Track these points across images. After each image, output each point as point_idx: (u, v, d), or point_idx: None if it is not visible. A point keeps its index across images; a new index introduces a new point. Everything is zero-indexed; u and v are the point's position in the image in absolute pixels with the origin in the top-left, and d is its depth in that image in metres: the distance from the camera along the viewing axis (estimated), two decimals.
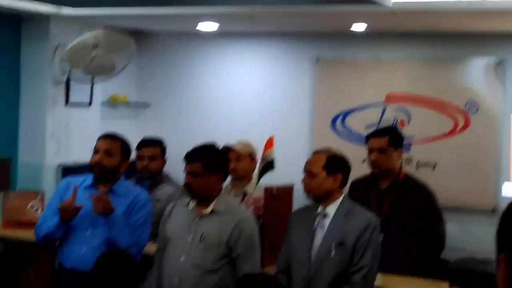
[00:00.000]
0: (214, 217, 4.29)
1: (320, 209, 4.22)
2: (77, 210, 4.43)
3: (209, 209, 4.30)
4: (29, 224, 5.23)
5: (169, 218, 4.46)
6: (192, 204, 4.37)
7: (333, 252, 4.08)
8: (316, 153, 4.33)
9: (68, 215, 4.46)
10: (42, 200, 5.56)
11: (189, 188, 4.28)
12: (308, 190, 4.22)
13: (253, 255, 4.29)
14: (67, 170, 6.31)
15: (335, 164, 4.21)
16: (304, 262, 4.15)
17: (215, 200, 4.32)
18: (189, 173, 4.28)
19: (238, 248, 4.23)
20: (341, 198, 4.23)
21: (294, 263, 4.22)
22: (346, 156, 4.33)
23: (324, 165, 4.18)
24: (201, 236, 4.25)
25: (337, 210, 4.19)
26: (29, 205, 5.63)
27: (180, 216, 4.40)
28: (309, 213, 4.28)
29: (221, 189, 4.41)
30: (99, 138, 4.73)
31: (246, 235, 4.25)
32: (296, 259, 4.21)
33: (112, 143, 4.67)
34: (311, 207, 4.30)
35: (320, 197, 4.22)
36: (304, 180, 4.24)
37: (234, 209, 4.38)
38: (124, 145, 4.73)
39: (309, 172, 4.21)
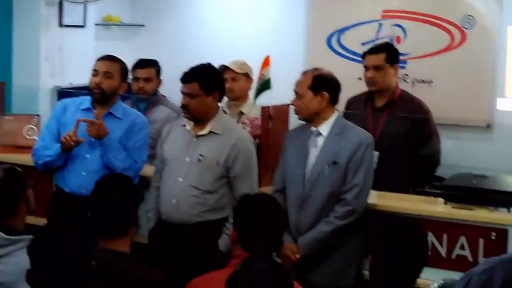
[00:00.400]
0: (211, 138, 4.31)
1: (313, 128, 4.22)
2: (78, 142, 4.44)
3: (206, 129, 4.32)
4: (26, 148, 5.24)
5: (166, 139, 4.47)
6: (189, 125, 4.38)
7: (326, 171, 4.10)
8: (303, 73, 4.29)
9: (69, 147, 4.48)
10: (38, 123, 5.54)
11: (186, 109, 4.28)
12: (296, 111, 4.22)
13: (251, 175, 4.33)
14: (63, 93, 6.29)
15: (321, 83, 4.17)
16: (298, 180, 4.17)
17: (212, 121, 4.33)
18: (186, 94, 4.28)
19: (235, 168, 4.26)
20: (334, 117, 4.21)
21: (288, 182, 4.25)
22: (332, 74, 4.28)
23: (310, 85, 4.15)
24: (199, 156, 4.28)
25: (330, 129, 4.19)
26: (25, 128, 5.63)
27: (177, 137, 4.41)
28: (303, 133, 4.28)
29: (217, 109, 4.41)
30: (98, 60, 4.69)
31: (244, 155, 4.28)
32: (290, 178, 4.24)
33: (112, 65, 4.64)
34: (306, 126, 4.29)
35: (309, 118, 4.21)
36: (292, 102, 4.25)
37: (231, 129, 4.40)
38: (123, 66, 4.71)
39: (296, 93, 4.20)
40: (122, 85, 4.67)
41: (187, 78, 4.30)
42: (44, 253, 2.88)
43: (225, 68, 5.49)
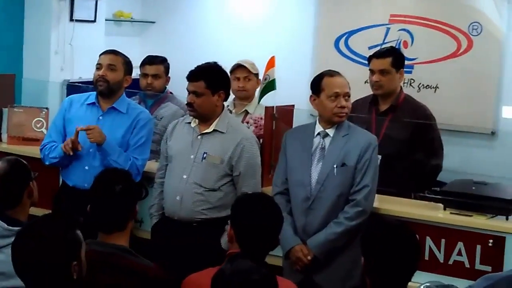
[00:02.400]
0: (216, 136, 4.35)
1: (319, 129, 4.23)
2: (77, 150, 4.51)
3: (211, 128, 4.36)
4: (34, 140, 5.31)
5: (171, 136, 4.51)
6: (194, 123, 4.42)
7: (335, 173, 4.12)
8: (336, 75, 4.29)
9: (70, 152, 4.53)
10: (46, 116, 5.58)
11: (192, 107, 4.32)
12: (346, 113, 4.22)
13: (254, 174, 4.36)
14: (72, 86, 6.35)
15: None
16: (305, 183, 4.17)
17: (217, 119, 4.37)
18: (191, 92, 4.32)
19: (239, 166, 4.29)
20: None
21: (293, 184, 4.25)
22: None
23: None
24: (203, 154, 4.32)
25: (336, 130, 4.21)
26: (34, 121, 5.68)
27: (182, 134, 4.45)
28: (305, 133, 4.28)
29: (223, 108, 4.45)
30: (101, 54, 4.75)
31: (248, 154, 4.32)
32: (295, 180, 4.24)
33: (115, 58, 4.69)
34: (307, 126, 4.31)
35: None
36: (342, 103, 4.20)
37: (236, 128, 4.43)
38: (126, 60, 4.75)
39: (347, 94, 4.23)
40: (126, 78, 4.72)
41: (193, 76, 4.34)
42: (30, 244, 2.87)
43: (238, 66, 5.53)
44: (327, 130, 4.22)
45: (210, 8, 7.72)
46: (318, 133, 4.24)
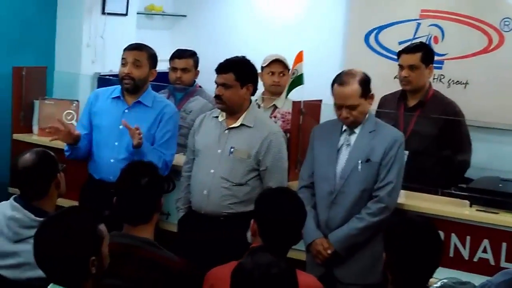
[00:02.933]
0: (243, 130, 4.36)
1: (346, 126, 4.22)
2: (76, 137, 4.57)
3: (239, 122, 4.37)
4: None
5: (198, 130, 4.53)
6: (221, 117, 4.44)
7: (359, 168, 4.11)
8: (343, 84, 4.14)
9: (66, 140, 4.60)
10: (77, 108, 5.64)
11: (220, 99, 4.34)
12: (350, 121, 4.15)
13: (281, 168, 4.37)
14: (103, 79, 6.37)
15: (367, 85, 4.14)
16: (329, 177, 4.18)
17: (244, 113, 4.38)
18: (220, 84, 4.33)
19: (266, 161, 4.31)
20: (367, 114, 4.21)
21: (319, 178, 4.26)
22: (364, 72, 4.23)
23: (361, 94, 4.10)
24: (231, 149, 4.34)
25: (363, 126, 4.19)
26: (65, 113, 5.74)
27: (209, 129, 4.47)
28: (333, 129, 4.28)
29: (250, 102, 4.46)
30: (125, 49, 4.74)
31: (274, 149, 4.33)
32: (321, 175, 4.24)
33: (139, 53, 4.68)
34: (335, 122, 4.29)
35: (361, 122, 4.20)
36: (345, 115, 4.13)
37: (263, 123, 4.44)
38: (150, 53, 4.73)
39: (348, 106, 4.10)
40: (152, 72, 4.72)
41: (223, 68, 4.35)
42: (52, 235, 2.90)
43: (275, 60, 5.55)
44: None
45: (240, 3, 7.73)
46: (345, 130, 4.23)
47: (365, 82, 4.16)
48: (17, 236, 3.32)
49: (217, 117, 4.47)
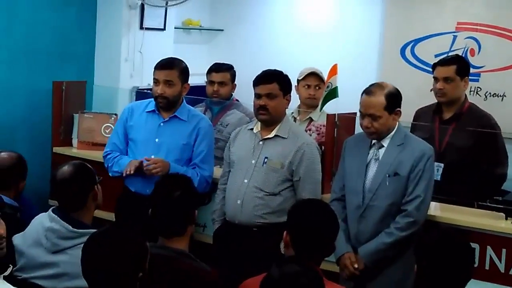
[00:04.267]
0: (277, 141, 4.40)
1: (375, 140, 4.21)
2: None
3: (273, 133, 4.41)
4: (103, 145, 5.40)
5: (234, 143, 4.58)
6: (256, 128, 4.48)
7: (387, 182, 4.10)
8: (369, 93, 4.14)
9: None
10: (115, 122, 5.69)
11: (265, 110, 4.36)
12: (372, 132, 4.13)
13: (314, 180, 4.40)
14: (141, 93, 6.44)
15: (394, 100, 4.12)
16: (358, 191, 4.18)
17: (279, 125, 4.42)
18: (264, 94, 4.36)
19: (299, 171, 4.34)
20: (396, 128, 4.18)
21: (348, 192, 4.27)
22: (395, 88, 4.20)
23: (385, 106, 4.08)
24: (264, 159, 4.37)
25: (391, 139, 4.17)
26: (103, 126, 5.84)
27: (244, 141, 4.52)
28: (363, 142, 4.27)
29: (285, 114, 4.51)
30: (155, 68, 4.77)
31: (308, 159, 4.36)
32: (350, 188, 4.25)
33: (170, 73, 4.70)
34: (366, 135, 4.27)
35: (384, 135, 4.17)
36: (366, 124, 4.14)
37: (297, 134, 4.48)
38: (181, 69, 4.75)
39: (370, 115, 4.10)
40: (184, 87, 4.76)
41: (266, 78, 4.41)
42: (100, 248, 2.96)
43: (311, 74, 5.57)
44: (382, 141, 4.19)
45: (277, 17, 7.79)
46: (374, 144, 4.22)
47: (393, 96, 4.14)
48: (55, 247, 3.37)
49: (252, 129, 4.51)
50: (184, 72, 4.78)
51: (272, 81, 4.38)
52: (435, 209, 4.37)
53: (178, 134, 4.69)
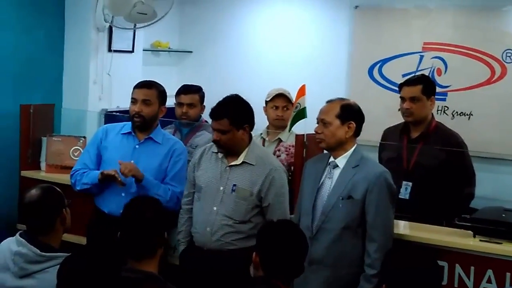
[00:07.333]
0: (245, 168, 4.36)
1: (331, 159, 4.19)
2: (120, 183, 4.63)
3: (240, 159, 4.37)
4: (71, 168, 5.41)
5: (198, 165, 4.51)
6: (220, 153, 4.43)
7: (341, 205, 4.06)
8: (329, 101, 4.22)
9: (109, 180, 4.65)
10: (84, 145, 5.69)
11: (219, 144, 4.35)
12: (320, 139, 4.16)
13: (283, 203, 4.37)
14: (110, 116, 6.43)
15: (349, 112, 4.11)
16: (308, 212, 4.17)
17: (245, 151, 4.38)
18: (216, 129, 4.31)
19: (268, 198, 4.31)
20: (352, 149, 4.15)
21: (301, 212, 4.27)
22: (358, 105, 4.22)
23: (338, 114, 4.10)
24: (233, 186, 4.34)
25: (347, 161, 4.13)
26: (72, 149, 5.82)
27: (210, 165, 4.46)
28: (320, 163, 4.26)
29: (250, 140, 4.44)
30: (135, 87, 4.81)
31: (277, 185, 4.33)
32: (303, 208, 4.25)
33: (149, 92, 4.76)
34: (324, 156, 4.28)
35: (332, 147, 4.15)
36: (316, 130, 4.18)
37: (265, 160, 4.42)
38: (160, 91, 4.81)
39: (321, 120, 4.13)
40: (161, 109, 4.81)
41: (216, 114, 4.31)
42: (76, 272, 2.96)
43: (279, 95, 5.59)
44: (336, 161, 4.16)
45: (244, 39, 7.81)
46: (329, 163, 4.22)
47: (348, 107, 4.14)
48: (23, 271, 3.34)
49: (216, 152, 4.46)
50: (162, 94, 4.83)
51: (222, 117, 4.28)
52: (404, 227, 4.39)
53: (154, 156, 4.72)
